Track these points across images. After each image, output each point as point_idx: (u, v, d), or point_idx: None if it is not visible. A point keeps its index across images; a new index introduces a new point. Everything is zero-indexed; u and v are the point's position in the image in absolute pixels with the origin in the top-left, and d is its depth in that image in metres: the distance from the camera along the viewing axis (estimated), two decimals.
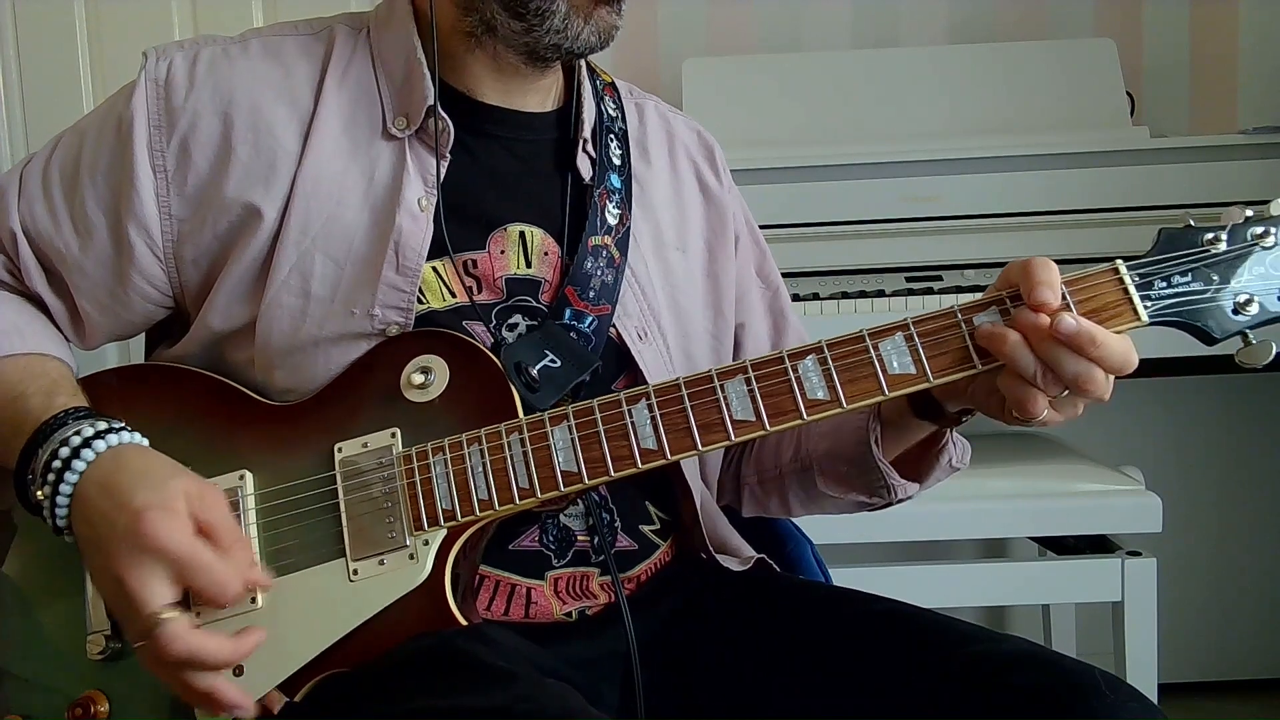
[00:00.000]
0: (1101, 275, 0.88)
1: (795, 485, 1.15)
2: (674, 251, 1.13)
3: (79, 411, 0.94)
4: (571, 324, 1.01)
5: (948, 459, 1.06)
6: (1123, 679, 0.88)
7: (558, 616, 1.01)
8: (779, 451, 1.16)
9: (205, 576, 0.85)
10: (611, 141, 1.10)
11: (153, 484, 0.87)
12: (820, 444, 1.10)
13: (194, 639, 0.84)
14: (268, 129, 1.01)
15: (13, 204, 1.05)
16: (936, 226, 2.01)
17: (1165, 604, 1.78)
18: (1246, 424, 2.40)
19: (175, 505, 0.86)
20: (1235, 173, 1.99)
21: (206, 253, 1.02)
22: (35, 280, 1.05)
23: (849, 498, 1.11)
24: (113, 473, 0.88)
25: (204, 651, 0.84)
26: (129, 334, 1.10)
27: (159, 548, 0.84)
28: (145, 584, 0.84)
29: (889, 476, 1.04)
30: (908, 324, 0.89)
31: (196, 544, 0.86)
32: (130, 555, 0.84)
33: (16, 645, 0.98)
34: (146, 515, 0.84)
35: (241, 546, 0.89)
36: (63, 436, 0.91)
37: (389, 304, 0.98)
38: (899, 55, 2.29)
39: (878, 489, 1.07)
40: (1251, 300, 0.87)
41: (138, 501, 0.85)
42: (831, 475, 1.10)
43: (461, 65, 1.05)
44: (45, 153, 1.07)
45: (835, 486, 1.10)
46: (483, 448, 0.92)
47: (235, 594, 0.87)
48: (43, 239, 1.04)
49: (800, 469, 1.13)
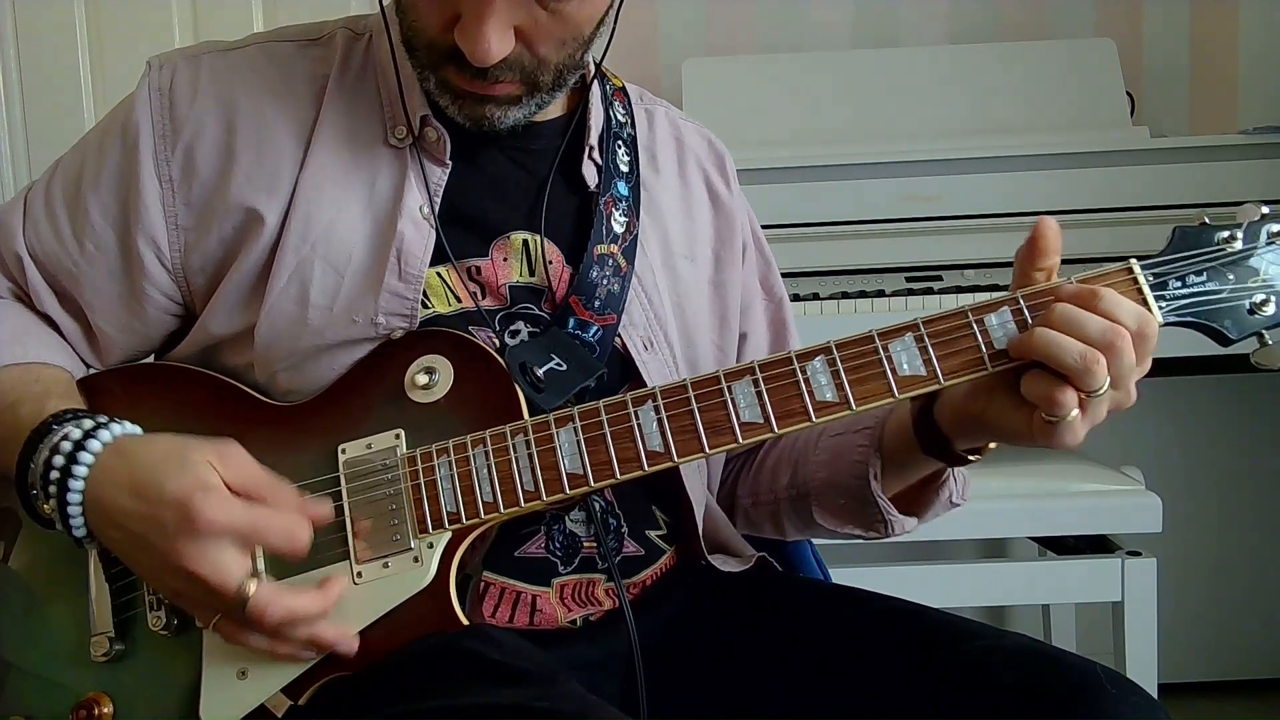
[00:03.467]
0: (1116, 275, 0.87)
1: (790, 512, 1.14)
2: (682, 260, 1.12)
3: (64, 415, 0.92)
4: (576, 333, 1.00)
5: (948, 495, 1.05)
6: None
7: (562, 623, 1.00)
8: (775, 476, 1.15)
9: (274, 535, 0.85)
10: (620, 148, 1.09)
11: (175, 467, 0.85)
12: (818, 473, 1.09)
13: (287, 599, 0.85)
14: (270, 135, 1.01)
15: (18, 229, 1.04)
16: (936, 226, 2.02)
17: (1165, 604, 1.79)
18: (1247, 424, 2.40)
19: (210, 480, 0.84)
20: (1235, 173, 1.99)
21: (212, 259, 1.01)
22: (46, 303, 1.05)
23: (844, 530, 1.10)
24: (125, 469, 0.87)
25: (299, 608, 0.85)
26: (148, 350, 1.08)
27: (220, 528, 0.83)
28: (220, 566, 0.83)
29: (887, 512, 1.04)
30: (918, 324, 0.87)
31: (251, 508, 0.85)
32: (193, 545, 0.83)
33: (20, 646, 0.98)
34: (192, 501, 0.82)
35: (282, 490, 0.88)
36: (52, 443, 0.89)
37: (392, 311, 0.97)
38: (899, 55, 2.30)
39: (874, 523, 1.06)
40: (1268, 300, 0.86)
41: (172, 490, 0.83)
42: (829, 507, 1.09)
43: None
44: (47, 175, 1.07)
45: (831, 518, 1.10)
46: (487, 449, 0.91)
47: (306, 538, 0.86)
48: (51, 260, 1.03)
49: (796, 496, 1.12)
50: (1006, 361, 0.86)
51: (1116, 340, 0.82)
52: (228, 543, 0.84)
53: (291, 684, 0.89)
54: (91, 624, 0.94)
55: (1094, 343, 0.81)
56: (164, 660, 0.93)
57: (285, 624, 0.85)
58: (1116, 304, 0.83)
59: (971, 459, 0.97)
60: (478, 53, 0.90)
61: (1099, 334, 0.82)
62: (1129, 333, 0.82)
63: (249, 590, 0.83)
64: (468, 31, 0.90)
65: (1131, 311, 0.83)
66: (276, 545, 0.86)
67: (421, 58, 0.96)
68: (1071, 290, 0.85)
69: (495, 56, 0.90)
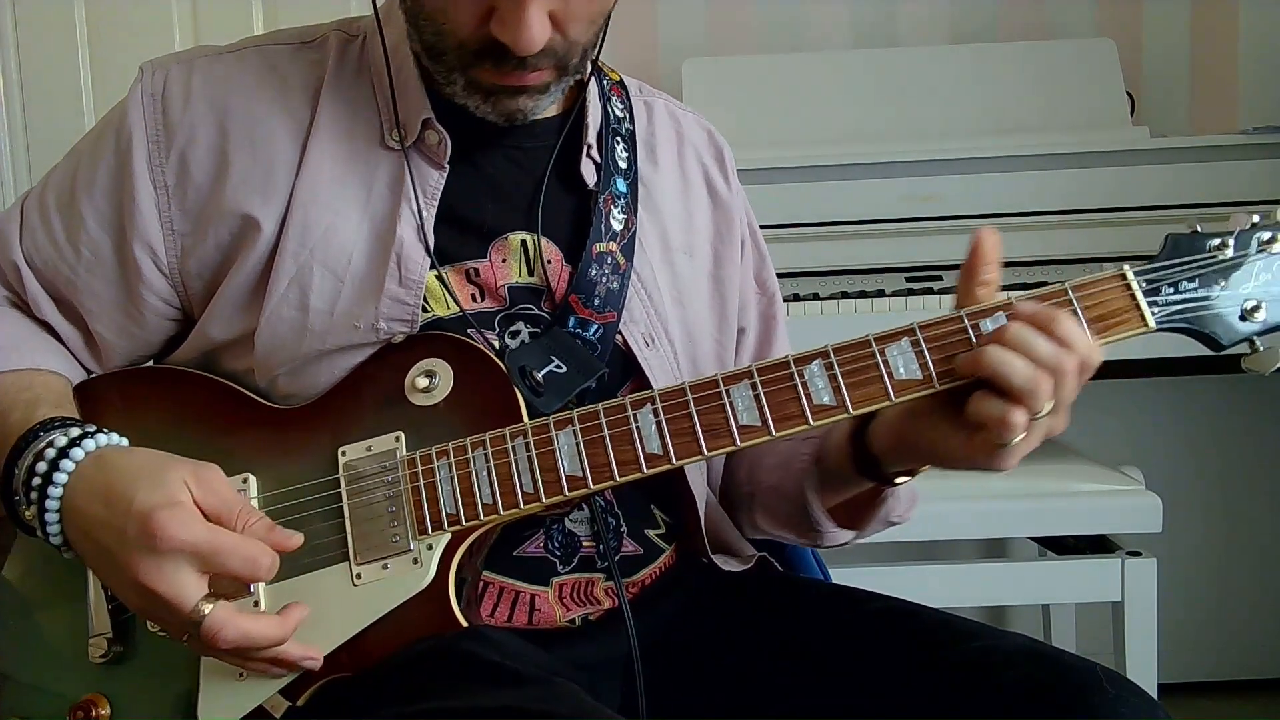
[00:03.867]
0: (1109, 281, 0.87)
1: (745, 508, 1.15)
2: (681, 255, 1.12)
3: (52, 422, 0.91)
4: (576, 332, 1.00)
5: (885, 513, 1.05)
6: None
7: (561, 623, 1.00)
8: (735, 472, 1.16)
9: (233, 558, 0.84)
10: (618, 144, 1.09)
11: (149, 481, 0.85)
12: (769, 478, 1.10)
13: (242, 623, 0.83)
14: (265, 140, 1.00)
15: (14, 238, 1.04)
16: (936, 226, 2.02)
17: (1165, 604, 1.79)
18: (1246, 424, 2.40)
19: (179, 497, 0.84)
20: (1235, 173, 1.99)
21: (209, 264, 1.01)
22: (45, 311, 1.04)
23: (778, 534, 1.11)
24: (102, 479, 0.86)
25: (254, 633, 0.84)
26: (148, 354, 1.08)
27: (178, 545, 0.82)
28: (174, 584, 0.82)
29: (818, 524, 1.04)
30: (914, 329, 0.88)
31: (214, 530, 0.84)
32: (150, 559, 0.82)
33: (18, 648, 0.98)
34: (155, 516, 0.82)
35: (254, 517, 0.87)
36: (36, 450, 0.89)
37: (393, 316, 0.97)
38: (899, 55, 2.29)
39: (809, 532, 1.06)
40: (1259, 307, 0.87)
41: (139, 503, 0.83)
42: (770, 510, 1.10)
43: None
44: (42, 183, 1.07)
45: (770, 521, 1.11)
46: (487, 452, 0.91)
47: (268, 565, 0.85)
48: (48, 267, 1.04)
49: (747, 495, 1.13)
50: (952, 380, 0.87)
51: (1065, 364, 0.83)
52: (185, 562, 0.83)
53: (290, 685, 0.89)
54: (90, 625, 0.94)
55: (1044, 365, 0.83)
56: (162, 662, 0.93)
57: (240, 649, 0.84)
58: (1070, 331, 0.84)
59: (898, 481, 0.98)
60: (521, 41, 0.89)
61: (1050, 357, 0.83)
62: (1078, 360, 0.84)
63: (203, 611, 0.83)
64: (508, 22, 0.89)
65: (1083, 341, 0.84)
66: (236, 570, 0.84)
67: (450, 60, 0.95)
68: (1029, 311, 0.85)
69: (539, 43, 0.90)
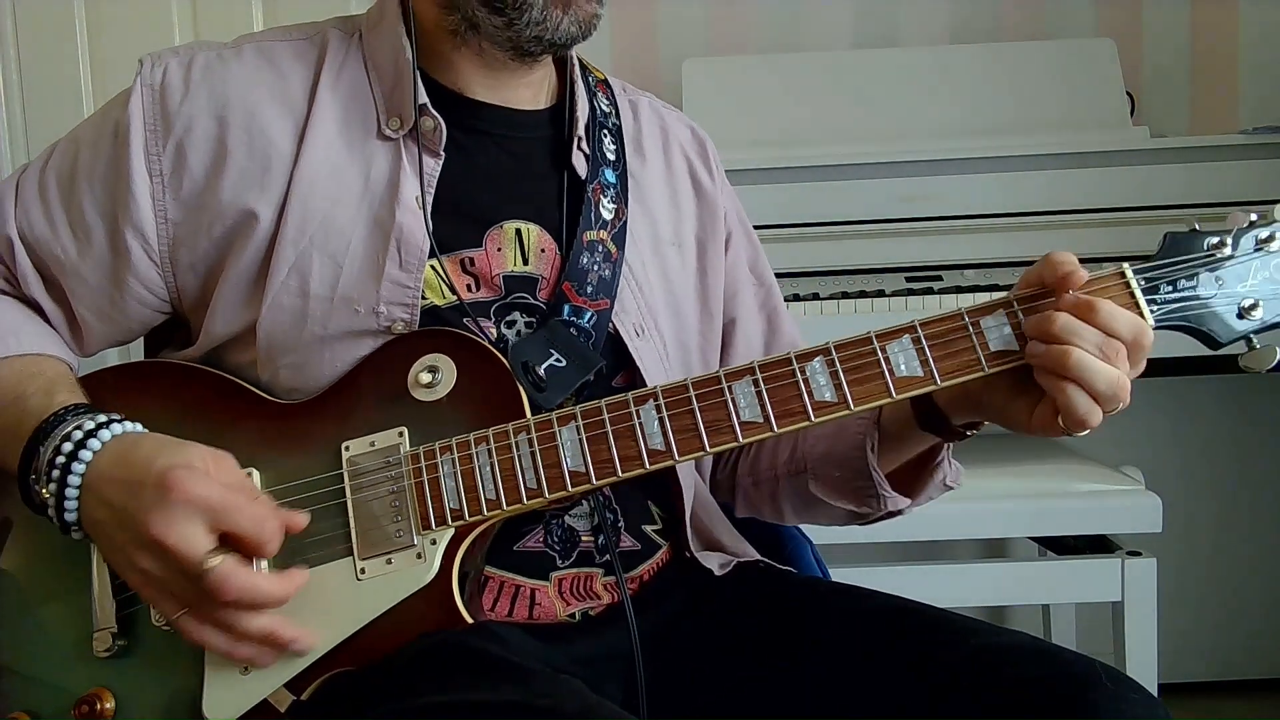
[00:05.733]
0: (1108, 279, 0.88)
1: (789, 489, 1.15)
2: (670, 247, 1.14)
3: (79, 408, 0.94)
4: (571, 320, 1.02)
5: (941, 477, 1.06)
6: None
7: (561, 617, 1.01)
8: (776, 453, 1.16)
9: (243, 517, 0.87)
10: (605, 138, 1.11)
11: (170, 450, 0.89)
12: (818, 446, 1.11)
13: (246, 576, 0.86)
14: (262, 132, 1.01)
15: (9, 212, 1.05)
16: (936, 226, 2.02)
17: (1165, 604, 1.79)
18: (1246, 424, 2.40)
19: (198, 464, 0.88)
20: (1235, 173, 1.99)
21: (204, 259, 1.02)
22: (33, 287, 1.05)
23: (839, 504, 1.11)
24: (124, 453, 0.90)
25: (257, 588, 0.86)
26: (126, 340, 1.11)
27: (192, 498, 0.85)
28: (185, 535, 0.85)
29: (880, 486, 1.05)
30: (915, 326, 0.89)
31: (226, 489, 0.87)
32: (163, 512, 0.85)
33: (22, 642, 0.98)
34: (173, 473, 0.86)
35: (261, 495, 0.91)
36: (64, 432, 0.91)
37: (394, 300, 0.98)
38: (899, 55, 2.29)
39: (867, 498, 1.07)
40: (1257, 305, 0.88)
41: (158, 466, 0.87)
42: (825, 479, 1.10)
43: (450, 63, 1.06)
44: (41, 160, 1.08)
45: (828, 491, 1.10)
46: (490, 447, 0.92)
47: (273, 532, 0.88)
48: (40, 245, 1.04)
49: (795, 471, 1.13)
50: (1003, 363, 0.88)
51: (1112, 354, 0.84)
52: (197, 516, 0.86)
53: (294, 679, 0.90)
54: (94, 619, 0.95)
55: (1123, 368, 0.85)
56: (166, 655, 0.93)
57: (242, 603, 0.86)
58: (1112, 316, 0.85)
59: (968, 434, 0.99)
60: None
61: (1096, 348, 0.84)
62: (1124, 345, 0.85)
63: (211, 563, 0.85)
64: None
65: (1127, 322, 0.85)
66: (245, 530, 0.87)
67: None
68: (1070, 301, 0.86)
69: None
